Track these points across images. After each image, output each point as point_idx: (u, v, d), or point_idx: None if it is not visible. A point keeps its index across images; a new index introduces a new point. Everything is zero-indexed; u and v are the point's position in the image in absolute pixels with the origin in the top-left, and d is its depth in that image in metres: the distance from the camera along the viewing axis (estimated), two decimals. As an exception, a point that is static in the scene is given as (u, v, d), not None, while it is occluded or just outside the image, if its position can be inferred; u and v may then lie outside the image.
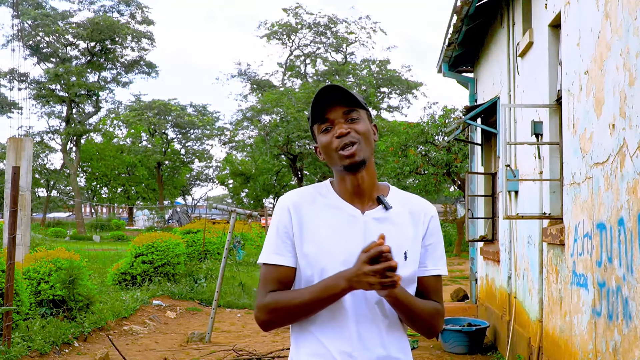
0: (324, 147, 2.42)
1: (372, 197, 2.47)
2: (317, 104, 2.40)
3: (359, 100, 2.41)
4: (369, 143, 2.42)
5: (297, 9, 52.04)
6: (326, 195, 2.49)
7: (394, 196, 2.53)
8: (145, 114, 61.05)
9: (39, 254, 10.47)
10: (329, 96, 2.39)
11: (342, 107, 2.40)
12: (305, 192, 2.52)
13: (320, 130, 2.44)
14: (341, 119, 2.39)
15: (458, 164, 22.08)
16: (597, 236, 5.03)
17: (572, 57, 5.85)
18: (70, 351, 8.92)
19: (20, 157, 11.51)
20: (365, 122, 2.43)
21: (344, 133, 2.36)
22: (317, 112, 2.42)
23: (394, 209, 2.47)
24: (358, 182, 2.42)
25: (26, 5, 53.58)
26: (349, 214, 2.43)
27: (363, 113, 2.45)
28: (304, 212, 2.45)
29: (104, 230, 54.41)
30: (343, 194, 2.47)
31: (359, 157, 2.36)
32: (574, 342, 5.73)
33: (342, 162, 2.37)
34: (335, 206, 2.45)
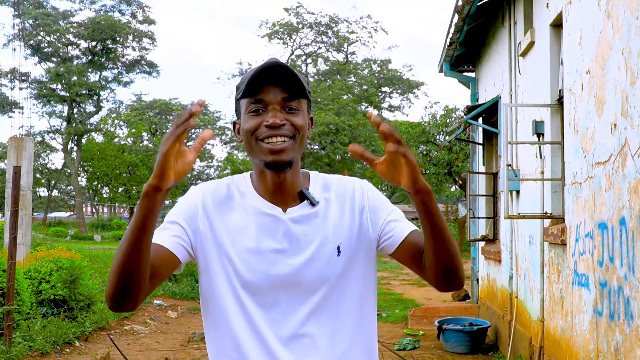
0: (247, 132, 2.05)
1: (295, 192, 2.13)
2: (254, 77, 2.01)
3: (305, 87, 2.07)
4: (303, 141, 2.08)
5: (298, 9, 52.02)
6: (244, 192, 2.15)
7: (315, 184, 2.19)
8: (147, 114, 61.08)
9: (40, 253, 10.47)
10: (271, 73, 2.02)
11: (282, 92, 2.03)
12: (222, 186, 2.17)
13: (248, 109, 2.05)
14: (278, 105, 2.03)
15: (459, 163, 22.07)
16: (599, 236, 5.02)
17: (574, 57, 5.85)
18: (71, 351, 8.92)
19: (21, 157, 11.50)
20: (304, 115, 2.09)
21: (277, 124, 2.00)
22: (252, 87, 2.03)
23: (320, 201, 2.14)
24: (280, 180, 2.09)
25: (27, 5, 53.62)
26: (268, 214, 2.09)
27: (304, 103, 2.10)
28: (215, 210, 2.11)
29: (105, 230, 54.46)
30: (262, 191, 2.13)
31: (287, 155, 2.02)
32: (575, 342, 5.72)
33: (264, 156, 2.02)
34: (253, 205, 2.11)
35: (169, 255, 2.01)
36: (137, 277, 1.86)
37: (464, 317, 10.58)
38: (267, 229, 2.08)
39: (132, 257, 1.83)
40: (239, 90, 2.10)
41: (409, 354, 9.33)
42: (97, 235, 43.44)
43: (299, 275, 2.06)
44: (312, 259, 2.07)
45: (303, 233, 2.08)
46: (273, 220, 2.08)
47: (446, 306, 12.38)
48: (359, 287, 2.13)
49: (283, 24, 52.39)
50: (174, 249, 2.03)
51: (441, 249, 1.95)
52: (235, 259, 2.05)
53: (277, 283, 2.05)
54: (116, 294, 1.87)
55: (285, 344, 2.04)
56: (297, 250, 2.07)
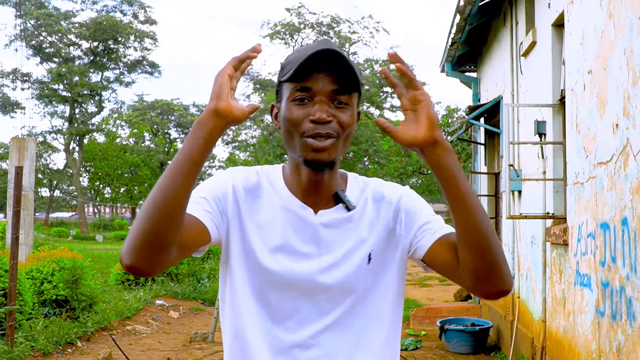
0: (288, 122, 1.83)
1: (329, 193, 1.93)
2: (305, 61, 1.78)
3: (359, 79, 1.84)
4: (348, 140, 1.87)
5: (300, 9, 52.04)
6: (274, 185, 1.95)
7: (353, 187, 1.99)
8: (148, 114, 61.15)
9: (42, 253, 10.48)
10: (323, 59, 1.79)
11: (333, 82, 1.81)
12: (251, 175, 1.97)
13: (292, 96, 1.83)
14: (326, 96, 1.80)
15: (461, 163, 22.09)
16: (601, 236, 5.02)
17: (576, 57, 5.85)
18: (73, 351, 8.92)
19: (23, 157, 11.51)
20: (352, 112, 1.86)
21: (325, 120, 1.78)
22: (301, 72, 1.80)
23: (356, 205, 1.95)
24: (316, 178, 1.88)
25: (29, 5, 53.68)
26: (297, 214, 1.90)
27: (355, 97, 1.87)
28: (246, 205, 1.92)
29: (106, 230, 54.55)
30: (294, 188, 1.93)
31: (329, 156, 1.81)
32: (577, 342, 5.72)
33: (305, 152, 1.81)
34: (283, 201, 1.92)
35: (200, 226, 1.79)
36: (173, 223, 1.63)
37: (466, 317, 10.57)
38: (295, 229, 1.90)
39: (173, 194, 1.63)
40: (283, 71, 1.88)
41: (411, 354, 9.33)
42: (99, 236, 43.50)
43: (323, 282, 1.88)
44: (341, 266, 1.89)
45: (333, 238, 1.90)
46: (302, 221, 1.90)
47: (448, 306, 12.37)
48: (388, 298, 1.96)
49: (285, 24, 52.39)
50: (207, 222, 1.81)
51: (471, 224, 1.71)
52: (259, 255, 1.88)
53: (299, 288, 1.88)
54: (142, 244, 1.61)
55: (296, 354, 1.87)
56: (325, 255, 1.89)
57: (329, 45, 1.81)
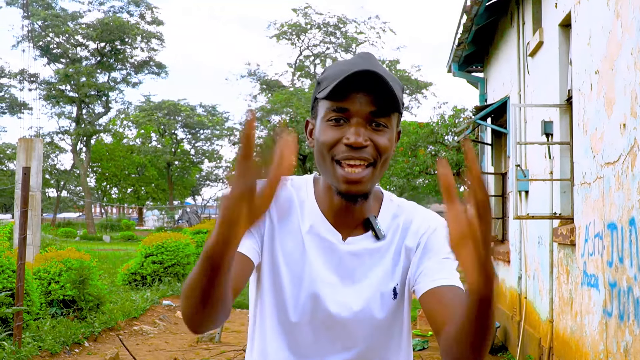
0: (322, 145, 1.71)
1: (362, 217, 1.81)
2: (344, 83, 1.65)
3: (399, 100, 1.70)
4: (384, 166, 1.72)
5: (306, 9, 52.06)
6: (304, 203, 1.83)
7: (387, 211, 1.86)
8: (155, 114, 61.20)
9: (50, 254, 10.50)
10: (362, 78, 1.65)
11: (371, 105, 1.67)
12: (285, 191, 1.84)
13: (327, 116, 1.71)
14: (363, 118, 1.67)
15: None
16: (608, 236, 5.01)
17: (583, 57, 5.84)
18: (80, 351, 8.93)
19: (31, 158, 11.53)
20: (391, 135, 1.72)
21: (360, 145, 1.65)
22: (339, 92, 1.66)
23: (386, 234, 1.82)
24: (349, 208, 1.77)
25: (36, 6, 53.79)
26: (325, 239, 1.79)
27: (394, 118, 1.73)
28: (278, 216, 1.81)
29: (114, 231, 54.57)
30: (325, 207, 1.80)
31: (363, 187, 1.70)
32: (584, 343, 5.71)
33: (338, 182, 1.69)
34: (311, 223, 1.80)
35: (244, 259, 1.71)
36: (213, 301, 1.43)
37: (473, 317, 10.54)
38: (320, 255, 1.79)
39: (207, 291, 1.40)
40: (320, 86, 1.76)
41: (418, 354, 9.32)
42: (106, 236, 43.56)
43: (346, 315, 1.77)
44: (363, 299, 1.78)
45: (360, 269, 1.79)
46: (329, 247, 1.79)
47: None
48: (405, 330, 1.88)
49: (291, 24, 52.43)
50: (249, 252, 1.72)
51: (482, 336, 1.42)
52: (283, 279, 1.79)
53: (320, 318, 1.78)
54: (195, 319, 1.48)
55: None
56: (350, 286, 1.78)
57: (370, 63, 1.68)
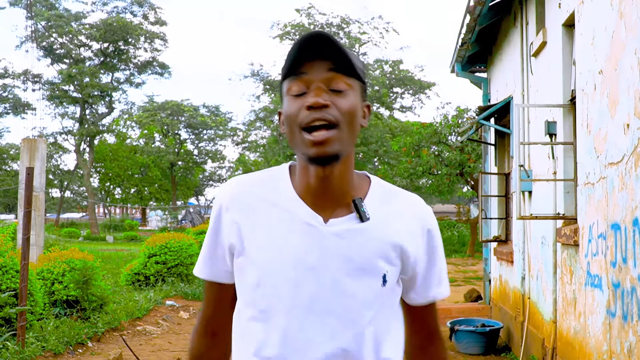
0: (288, 118, 1.70)
1: (344, 198, 1.75)
2: (296, 53, 1.67)
3: (356, 65, 1.70)
4: (352, 129, 1.69)
5: (309, 9, 52.05)
6: (279, 190, 1.78)
7: (375, 195, 1.81)
8: (158, 115, 61.27)
9: (53, 254, 10.51)
10: (316, 47, 1.66)
11: (328, 67, 1.67)
12: (252, 183, 1.82)
13: (289, 90, 1.71)
14: (322, 83, 1.66)
15: (471, 164, 22.08)
16: (612, 236, 5.01)
17: (586, 57, 5.83)
18: (84, 351, 8.94)
19: (34, 158, 11.55)
20: (355, 97, 1.70)
21: (320, 104, 1.63)
22: (295, 61, 1.68)
23: (372, 217, 1.75)
24: (326, 174, 1.70)
25: (40, 7, 53.85)
26: (305, 223, 1.73)
27: (356, 85, 1.72)
28: (245, 213, 1.78)
29: (117, 231, 54.62)
30: (303, 191, 1.75)
31: (332, 147, 1.64)
32: (588, 343, 5.70)
33: (306, 148, 1.66)
34: (288, 209, 1.75)
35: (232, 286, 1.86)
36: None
37: (476, 318, 10.55)
38: (301, 241, 1.72)
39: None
40: (282, 71, 1.75)
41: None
42: (110, 236, 43.57)
43: (333, 300, 1.71)
44: (351, 284, 1.71)
45: (344, 252, 1.72)
46: (310, 232, 1.72)
47: (458, 307, 12.35)
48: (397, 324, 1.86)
49: (294, 25, 52.40)
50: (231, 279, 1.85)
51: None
52: (261, 274, 1.74)
53: (305, 307, 1.71)
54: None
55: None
56: (334, 271, 1.71)
57: (319, 31, 1.65)
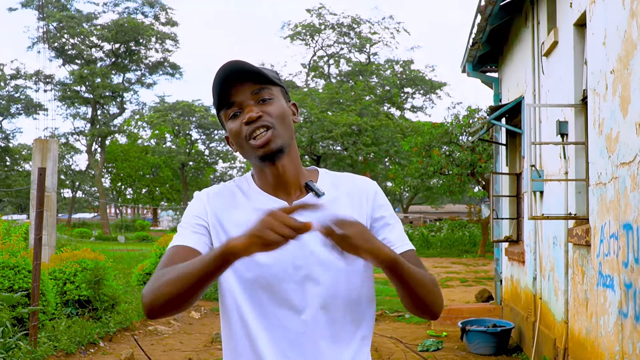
0: (234, 137, 2.04)
1: (299, 185, 2.11)
2: (219, 85, 2.01)
3: (269, 75, 2.05)
4: (286, 126, 2.05)
5: (320, 10, 52.09)
6: (247, 191, 2.13)
7: (324, 180, 2.17)
8: (170, 115, 61.41)
9: (65, 254, 10.55)
10: (232, 75, 2.00)
11: (249, 86, 2.02)
12: (223, 187, 2.17)
13: (227, 116, 2.05)
14: (250, 100, 2.02)
15: (482, 164, 22.03)
16: (624, 237, 4.99)
17: (598, 56, 5.81)
18: (95, 351, 8.98)
19: (46, 158, 11.60)
20: (279, 102, 2.07)
21: (254, 118, 1.99)
22: (221, 95, 2.03)
23: (327, 194, 2.10)
24: (279, 171, 2.06)
25: (51, 8, 54.07)
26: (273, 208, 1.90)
27: (277, 90, 2.09)
28: (221, 208, 2.09)
29: (128, 231, 54.77)
30: (265, 187, 2.11)
31: (274, 144, 2.00)
32: (600, 344, 5.69)
33: (255, 152, 2.01)
34: (257, 200, 2.08)
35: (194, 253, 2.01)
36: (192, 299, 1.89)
37: (488, 318, 10.53)
38: None
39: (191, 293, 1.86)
40: (214, 104, 2.09)
41: (432, 355, 9.31)
42: (121, 236, 43.70)
43: (308, 266, 2.01)
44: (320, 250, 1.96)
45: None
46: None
47: (469, 307, 12.33)
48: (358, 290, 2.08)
49: (305, 25, 52.50)
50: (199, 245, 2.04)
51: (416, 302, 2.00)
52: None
53: (287, 276, 2.00)
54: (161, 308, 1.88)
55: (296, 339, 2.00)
56: (305, 241, 1.95)
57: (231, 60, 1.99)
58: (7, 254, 8.74)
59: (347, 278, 2.05)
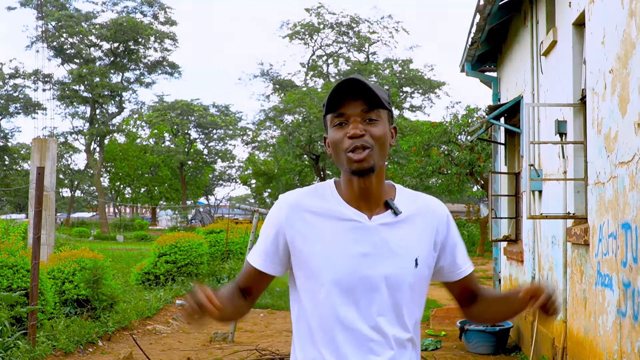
0: (333, 144, 2.24)
1: (380, 201, 2.30)
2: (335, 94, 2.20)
3: (383, 100, 2.21)
4: (384, 149, 2.24)
5: (319, 9, 52.07)
6: (329, 199, 2.31)
7: (401, 197, 2.36)
8: (168, 114, 61.37)
9: (64, 253, 10.55)
10: (350, 88, 2.19)
11: (361, 104, 2.20)
12: (306, 195, 2.34)
13: (333, 123, 2.24)
14: (358, 117, 2.20)
15: (481, 163, 22.04)
16: (622, 236, 4.99)
17: (597, 56, 5.81)
18: (94, 350, 8.97)
19: (45, 158, 11.59)
20: (384, 125, 2.24)
21: (358, 135, 2.17)
22: (334, 103, 2.22)
23: (403, 212, 2.31)
24: (366, 185, 2.25)
25: (50, 7, 54.04)
26: (355, 221, 2.26)
27: (384, 114, 2.26)
28: (303, 216, 2.30)
29: (127, 230, 54.73)
30: (349, 198, 2.30)
31: (368, 163, 2.18)
32: (598, 343, 5.69)
33: (349, 165, 2.19)
34: (339, 212, 2.28)
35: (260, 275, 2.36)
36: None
37: (486, 317, 10.51)
38: (353, 234, 2.24)
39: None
40: (324, 107, 2.26)
41: (431, 354, 9.31)
42: (120, 236, 43.68)
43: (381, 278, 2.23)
44: (394, 265, 2.24)
45: (387, 239, 2.24)
46: (359, 226, 2.25)
47: (468, 307, 12.32)
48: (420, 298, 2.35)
49: (304, 24, 52.46)
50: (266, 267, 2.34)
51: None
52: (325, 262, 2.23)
53: (361, 285, 2.22)
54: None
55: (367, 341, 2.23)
56: (381, 255, 2.23)
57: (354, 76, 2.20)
58: (6, 253, 8.74)
59: None
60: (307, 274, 2.27)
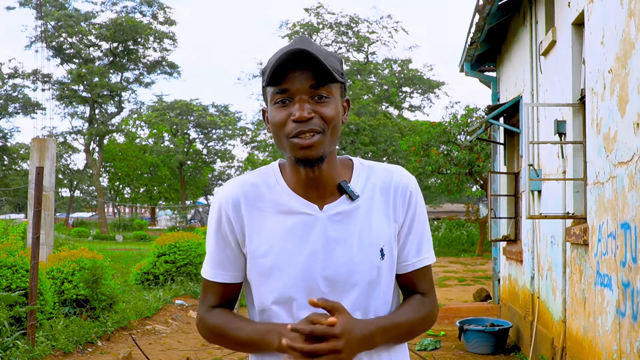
0: (274, 126, 1.86)
1: (333, 186, 1.94)
2: (277, 65, 1.80)
3: (335, 72, 1.83)
4: (335, 132, 1.86)
5: (318, 9, 52.06)
6: (273, 188, 1.96)
7: (359, 176, 1.99)
8: (168, 114, 61.38)
9: (63, 253, 10.54)
10: (295, 60, 1.79)
11: (309, 79, 1.81)
12: (247, 184, 1.98)
13: (273, 99, 1.86)
14: (305, 94, 1.81)
15: (480, 163, 22.05)
16: (622, 236, 4.99)
17: (596, 56, 5.81)
18: (93, 350, 8.97)
19: (44, 158, 11.58)
20: (335, 103, 1.86)
21: (305, 118, 1.79)
22: (276, 76, 1.82)
23: (361, 196, 1.95)
24: (315, 175, 1.90)
25: (49, 7, 54.01)
26: (303, 214, 1.92)
27: (336, 88, 1.88)
28: (246, 213, 1.95)
29: (126, 230, 54.75)
30: (295, 186, 1.94)
31: (317, 152, 1.82)
32: (598, 343, 5.69)
33: (294, 152, 1.84)
34: (285, 205, 1.93)
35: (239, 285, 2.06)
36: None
37: (486, 317, 10.53)
38: (302, 230, 1.92)
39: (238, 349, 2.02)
40: (264, 76, 1.90)
41: (430, 354, 9.31)
42: (119, 236, 43.68)
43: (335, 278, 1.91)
44: (351, 261, 1.91)
45: (342, 233, 1.92)
46: (308, 220, 1.92)
47: (467, 306, 12.34)
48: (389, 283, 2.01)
49: (303, 24, 52.43)
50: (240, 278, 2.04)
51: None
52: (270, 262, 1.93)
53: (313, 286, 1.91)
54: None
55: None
56: (336, 252, 1.91)
57: (302, 43, 1.82)
58: (5, 253, 8.73)
59: None
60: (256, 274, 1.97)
